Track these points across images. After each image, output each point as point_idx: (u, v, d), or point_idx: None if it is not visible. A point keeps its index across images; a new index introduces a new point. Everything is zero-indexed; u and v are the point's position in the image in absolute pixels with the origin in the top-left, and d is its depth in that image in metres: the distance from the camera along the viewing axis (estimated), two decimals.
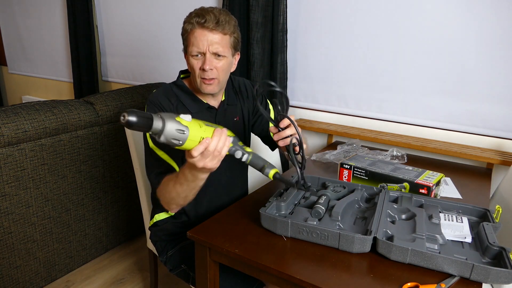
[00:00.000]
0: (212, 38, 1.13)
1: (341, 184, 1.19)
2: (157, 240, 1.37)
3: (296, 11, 2.03)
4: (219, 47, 1.15)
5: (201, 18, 1.12)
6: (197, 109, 1.25)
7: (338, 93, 2.01)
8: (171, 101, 1.22)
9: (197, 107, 1.25)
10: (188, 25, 1.16)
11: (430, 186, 1.16)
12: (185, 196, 1.08)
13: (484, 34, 1.60)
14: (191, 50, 1.16)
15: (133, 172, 1.87)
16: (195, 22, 1.13)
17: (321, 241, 0.96)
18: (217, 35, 1.14)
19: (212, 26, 1.12)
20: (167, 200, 1.13)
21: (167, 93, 1.24)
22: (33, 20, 3.50)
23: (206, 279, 1.06)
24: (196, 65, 1.17)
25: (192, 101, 1.25)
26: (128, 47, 2.92)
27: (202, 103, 1.26)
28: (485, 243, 0.90)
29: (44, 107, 1.71)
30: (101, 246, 2.08)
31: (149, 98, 1.23)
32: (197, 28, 1.14)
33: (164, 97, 1.22)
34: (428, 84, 1.76)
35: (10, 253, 1.65)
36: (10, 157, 1.58)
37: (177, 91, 1.25)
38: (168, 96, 1.23)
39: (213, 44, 1.14)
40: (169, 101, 1.21)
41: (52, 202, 1.77)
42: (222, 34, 1.14)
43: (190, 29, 1.15)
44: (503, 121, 1.64)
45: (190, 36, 1.15)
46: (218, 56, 1.16)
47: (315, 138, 2.14)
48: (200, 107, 1.26)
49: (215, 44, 1.14)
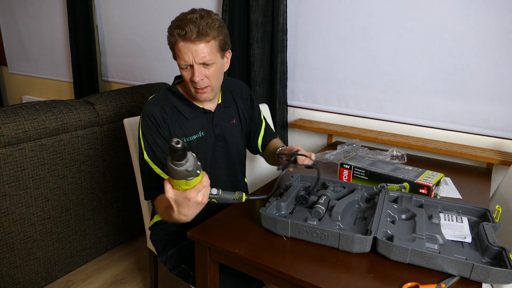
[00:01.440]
0: (196, 49, 1.10)
1: (341, 184, 1.19)
2: (157, 240, 1.37)
3: (296, 11, 2.03)
4: (206, 55, 1.11)
5: (181, 30, 1.08)
6: (193, 115, 1.25)
7: (338, 93, 2.01)
8: (165, 110, 1.20)
9: (193, 112, 1.25)
10: (171, 37, 1.12)
11: (430, 186, 1.16)
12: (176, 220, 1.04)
13: (484, 34, 1.60)
14: (179, 63, 1.14)
15: (133, 172, 1.88)
16: (176, 35, 1.10)
17: (321, 241, 0.96)
18: (200, 45, 1.10)
19: (194, 37, 1.08)
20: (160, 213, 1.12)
21: (162, 101, 1.22)
22: (33, 20, 3.50)
23: (206, 279, 1.06)
24: (187, 77, 1.16)
25: (188, 107, 1.24)
26: (128, 47, 2.93)
27: (198, 108, 1.25)
28: (485, 243, 0.90)
29: (44, 107, 1.71)
30: (101, 246, 2.08)
31: (144, 108, 1.21)
32: (180, 41, 1.10)
33: (158, 108, 1.20)
34: (428, 84, 1.76)
35: (10, 253, 1.65)
36: (10, 157, 1.58)
37: (172, 98, 1.24)
38: (163, 105, 1.21)
39: (198, 55, 1.10)
40: (163, 110, 1.20)
41: (52, 202, 1.77)
42: (205, 42, 1.10)
43: (174, 41, 1.12)
44: (503, 121, 1.63)
45: (175, 48, 1.13)
46: (206, 65, 1.14)
47: (315, 138, 2.14)
48: (196, 113, 1.25)
49: (200, 54, 1.11)
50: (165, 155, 1.18)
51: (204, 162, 1.27)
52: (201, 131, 1.26)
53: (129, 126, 1.49)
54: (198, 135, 1.25)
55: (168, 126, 1.20)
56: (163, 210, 1.05)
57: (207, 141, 1.27)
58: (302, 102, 2.15)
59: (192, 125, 1.24)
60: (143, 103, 2.07)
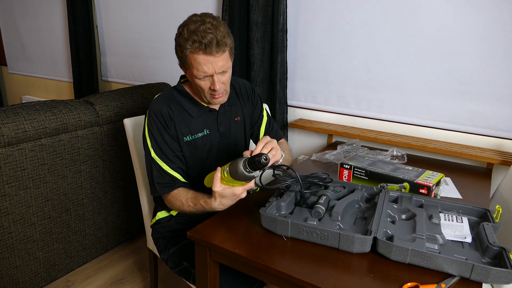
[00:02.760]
0: (217, 60, 1.12)
1: (341, 184, 1.19)
2: (159, 238, 1.37)
3: (296, 11, 2.03)
4: (224, 64, 1.14)
5: (199, 44, 1.08)
6: (198, 113, 1.27)
7: (338, 93, 2.01)
8: (171, 108, 1.23)
9: (198, 111, 1.27)
10: (186, 50, 1.11)
11: (430, 186, 1.16)
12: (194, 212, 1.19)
13: (484, 34, 1.60)
14: (196, 74, 1.14)
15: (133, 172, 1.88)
16: (194, 48, 1.10)
17: (321, 241, 0.96)
18: (221, 56, 1.12)
19: (214, 50, 1.10)
20: (175, 207, 1.24)
21: (168, 99, 1.25)
22: (33, 20, 3.50)
23: (206, 279, 1.06)
24: (205, 86, 1.17)
25: (193, 105, 1.27)
26: (128, 47, 2.92)
27: (203, 107, 1.28)
28: (485, 243, 0.90)
29: (44, 107, 1.71)
30: (101, 246, 2.08)
31: (150, 107, 1.24)
32: (200, 55, 1.10)
33: (164, 105, 1.23)
34: (428, 84, 1.76)
35: (10, 253, 1.65)
36: (10, 157, 1.57)
37: (178, 96, 1.27)
38: (169, 102, 1.24)
39: (218, 66, 1.13)
40: (169, 107, 1.23)
41: (52, 202, 1.77)
42: (222, 52, 1.12)
43: (190, 53, 1.11)
44: (503, 121, 1.63)
45: (192, 61, 1.13)
46: (224, 72, 1.16)
47: (315, 138, 2.14)
48: (201, 111, 1.28)
49: (220, 65, 1.13)
50: (173, 152, 1.23)
51: (210, 159, 1.30)
52: (206, 129, 1.28)
53: (129, 126, 1.50)
54: (203, 133, 1.28)
55: (174, 124, 1.23)
56: (185, 202, 1.17)
57: (212, 139, 1.30)
58: (302, 102, 2.15)
59: (197, 123, 1.27)
60: (143, 103, 2.07)
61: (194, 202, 1.15)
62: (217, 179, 1.04)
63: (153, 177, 1.22)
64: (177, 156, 1.24)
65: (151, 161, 1.22)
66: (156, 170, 1.21)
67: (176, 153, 1.23)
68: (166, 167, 1.21)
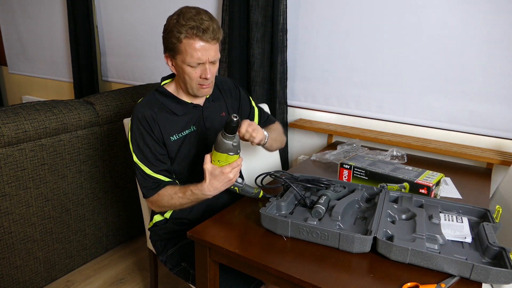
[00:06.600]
0: (212, 48, 1.15)
1: (341, 184, 1.19)
2: (158, 240, 1.37)
3: (296, 11, 2.03)
4: (216, 55, 1.18)
5: (198, 30, 1.10)
6: (183, 111, 1.28)
7: (338, 93, 2.01)
8: (154, 110, 1.24)
9: (183, 108, 1.28)
10: (181, 34, 1.12)
11: (430, 186, 1.16)
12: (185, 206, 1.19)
13: (484, 34, 1.60)
14: (188, 60, 1.15)
15: (133, 172, 1.87)
16: (193, 34, 1.11)
17: (321, 241, 0.96)
18: (214, 46, 1.16)
19: (211, 37, 1.13)
20: (164, 206, 1.23)
21: (151, 102, 1.26)
22: (33, 20, 3.50)
23: (206, 279, 1.06)
24: (195, 75, 1.18)
25: (177, 104, 1.28)
26: (128, 47, 2.93)
27: (187, 104, 1.29)
28: (485, 243, 0.90)
29: (44, 107, 1.71)
30: (101, 246, 2.08)
31: (134, 111, 1.25)
32: (197, 40, 1.12)
33: (147, 108, 1.23)
34: (428, 84, 1.76)
35: (10, 253, 1.66)
36: (10, 157, 1.58)
37: (161, 98, 1.27)
38: (152, 105, 1.25)
39: (212, 55, 1.16)
40: (152, 110, 1.23)
41: (52, 202, 1.77)
42: (216, 42, 1.16)
43: (185, 38, 1.12)
44: (503, 121, 1.63)
45: (186, 47, 1.13)
46: (214, 63, 1.19)
47: (315, 138, 2.14)
48: (185, 108, 1.29)
49: (213, 54, 1.17)
50: (154, 155, 1.22)
51: (199, 155, 1.30)
52: (192, 126, 1.29)
53: (129, 126, 1.49)
54: (190, 130, 1.29)
55: (159, 126, 1.23)
56: (174, 195, 1.17)
57: (199, 135, 1.30)
58: (302, 102, 2.15)
59: (183, 121, 1.28)
60: None
61: (183, 191, 1.15)
62: (207, 159, 1.09)
63: (138, 181, 1.24)
64: (159, 159, 1.23)
65: (135, 166, 1.23)
66: (140, 174, 1.22)
67: (158, 156, 1.22)
68: (149, 170, 1.21)
